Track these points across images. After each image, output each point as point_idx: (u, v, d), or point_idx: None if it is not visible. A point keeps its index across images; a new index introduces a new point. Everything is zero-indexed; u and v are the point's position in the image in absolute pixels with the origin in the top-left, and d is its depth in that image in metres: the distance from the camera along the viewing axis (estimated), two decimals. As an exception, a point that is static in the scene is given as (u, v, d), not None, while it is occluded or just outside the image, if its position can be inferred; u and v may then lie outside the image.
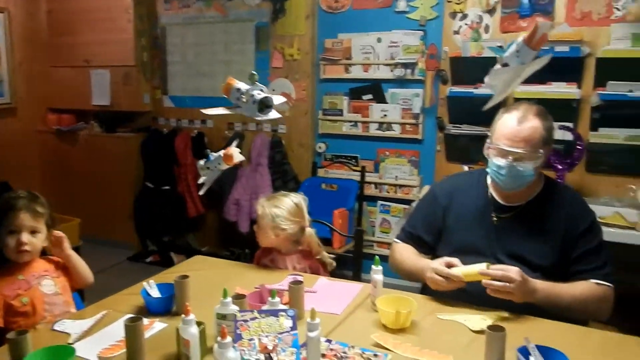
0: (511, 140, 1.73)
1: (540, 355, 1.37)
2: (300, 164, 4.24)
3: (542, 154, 1.74)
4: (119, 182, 4.76)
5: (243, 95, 1.42)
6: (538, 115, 1.76)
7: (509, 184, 1.79)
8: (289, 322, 1.36)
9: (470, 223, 1.89)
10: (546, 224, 1.81)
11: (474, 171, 2.07)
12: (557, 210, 1.82)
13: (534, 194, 1.85)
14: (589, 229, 1.79)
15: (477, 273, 1.65)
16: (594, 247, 1.77)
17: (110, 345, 1.48)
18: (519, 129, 1.73)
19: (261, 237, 2.12)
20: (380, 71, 3.84)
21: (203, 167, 1.61)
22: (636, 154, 3.04)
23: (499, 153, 1.77)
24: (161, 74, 4.77)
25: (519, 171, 1.74)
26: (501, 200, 1.88)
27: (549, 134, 1.77)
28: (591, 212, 1.84)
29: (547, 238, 1.79)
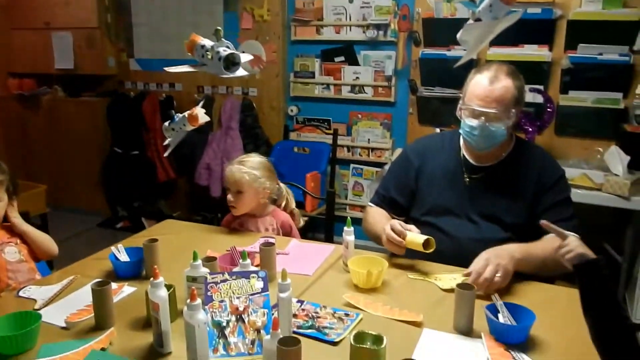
0: (483, 100, 1.73)
1: (508, 312, 1.40)
2: (271, 128, 4.19)
3: (513, 113, 1.75)
4: (86, 148, 4.65)
5: (208, 52, 1.37)
6: (509, 74, 1.76)
7: (481, 144, 1.80)
8: (260, 284, 1.35)
9: (442, 184, 1.90)
10: (517, 182, 1.83)
11: (446, 133, 2.07)
12: (528, 168, 1.84)
13: (505, 153, 1.87)
14: (558, 182, 1.82)
15: (419, 244, 1.67)
16: (562, 199, 1.80)
17: (77, 310, 1.46)
18: (491, 89, 1.73)
19: (242, 204, 2.07)
20: (352, 32, 3.78)
21: (168, 129, 1.56)
22: (603, 117, 3.09)
23: (472, 114, 1.76)
24: (126, 37, 4.61)
25: (492, 131, 1.74)
26: (473, 161, 1.89)
27: (520, 94, 1.77)
28: (560, 168, 1.87)
29: (519, 196, 1.81)
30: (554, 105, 3.11)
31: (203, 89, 4.37)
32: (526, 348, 1.31)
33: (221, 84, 4.29)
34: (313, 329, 1.38)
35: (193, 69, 1.45)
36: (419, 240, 1.67)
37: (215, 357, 1.25)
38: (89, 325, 1.40)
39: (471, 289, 1.39)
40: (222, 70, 1.39)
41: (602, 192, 2.75)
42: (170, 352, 1.28)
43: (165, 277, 1.33)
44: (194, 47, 1.44)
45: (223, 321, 1.29)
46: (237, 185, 2.05)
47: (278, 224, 2.15)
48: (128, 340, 1.34)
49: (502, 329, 1.34)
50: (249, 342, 1.29)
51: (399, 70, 3.69)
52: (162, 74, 4.48)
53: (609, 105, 3.06)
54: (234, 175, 2.05)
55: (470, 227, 1.83)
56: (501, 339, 1.33)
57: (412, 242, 1.69)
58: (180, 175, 4.51)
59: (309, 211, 3.61)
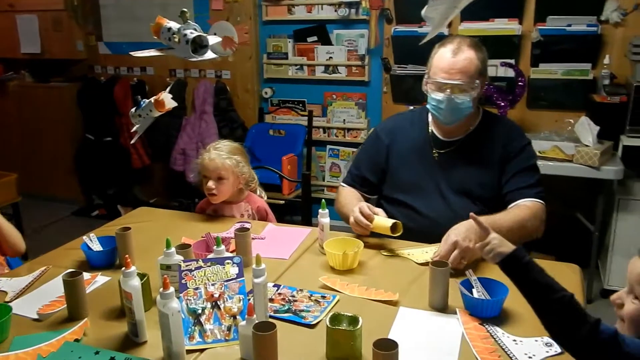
0: (448, 72, 1.75)
1: (482, 287, 1.42)
2: (246, 111, 4.14)
3: (478, 84, 1.76)
4: (57, 135, 4.55)
5: (175, 35, 1.34)
6: (472, 46, 1.77)
7: (448, 117, 1.81)
8: (235, 270, 1.34)
9: (412, 160, 1.91)
10: (485, 153, 1.85)
11: (414, 110, 2.08)
12: (494, 139, 1.86)
13: (473, 127, 1.89)
14: (523, 150, 1.84)
15: (386, 227, 1.68)
16: (528, 166, 1.83)
17: (50, 302, 1.44)
18: (455, 61, 1.74)
19: (223, 191, 2.04)
20: (324, 11, 3.74)
21: (134, 115, 1.53)
22: (573, 88, 3.13)
23: (437, 87, 1.78)
24: (94, 19, 4.49)
25: (458, 103, 1.76)
26: (441, 136, 1.90)
27: (484, 65, 1.79)
28: (526, 137, 1.90)
29: (487, 168, 1.84)
30: (525, 79, 3.14)
31: (175, 72, 4.29)
32: (500, 321, 1.33)
33: (194, 67, 4.22)
34: (290, 312, 1.38)
35: (160, 53, 1.42)
36: (387, 224, 1.69)
37: (192, 344, 1.25)
38: (62, 316, 1.38)
39: (445, 265, 1.41)
40: (190, 53, 1.36)
41: (573, 163, 2.79)
42: (145, 341, 1.27)
43: (139, 265, 1.32)
44: (160, 30, 1.41)
45: (198, 308, 1.29)
46: (219, 171, 2.01)
47: (253, 209, 2.14)
48: (102, 330, 1.33)
49: (476, 303, 1.36)
50: (225, 328, 1.28)
51: (372, 49, 3.67)
52: (132, 57, 4.36)
53: (578, 76, 3.09)
54: (215, 162, 2.01)
55: (440, 202, 1.84)
56: (475, 313, 1.36)
57: (379, 227, 1.71)
58: (155, 161, 4.45)
59: (286, 194, 3.60)
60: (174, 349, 1.16)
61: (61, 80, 4.59)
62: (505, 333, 1.28)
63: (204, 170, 2.04)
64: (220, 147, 2.07)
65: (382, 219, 1.73)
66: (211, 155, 2.03)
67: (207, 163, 2.02)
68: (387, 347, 1.06)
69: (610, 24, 3.02)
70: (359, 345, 1.18)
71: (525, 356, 1.20)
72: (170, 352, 1.17)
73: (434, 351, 1.23)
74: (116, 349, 1.24)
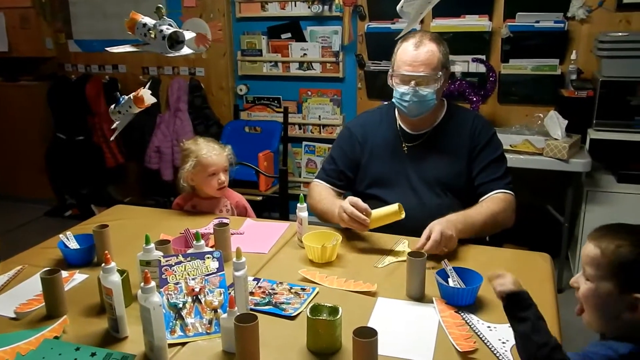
0: (411, 65, 1.79)
1: (458, 276, 1.46)
2: (221, 108, 4.13)
3: (440, 76, 1.80)
4: (27, 135, 4.46)
5: (151, 31, 1.34)
6: (433, 39, 1.82)
7: (413, 110, 1.84)
8: (215, 264, 1.35)
9: (383, 155, 1.95)
10: (452, 145, 1.90)
11: (382, 106, 2.11)
12: (461, 130, 1.91)
13: (438, 119, 1.94)
14: (490, 141, 1.90)
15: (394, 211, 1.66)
16: (496, 157, 1.89)
17: (27, 300, 1.42)
18: (417, 53, 1.79)
19: (208, 185, 2.05)
20: (298, 8, 3.74)
21: (114, 112, 1.52)
22: (542, 83, 3.21)
23: (402, 80, 1.82)
24: (64, 16, 4.40)
25: (422, 95, 1.80)
26: (409, 130, 1.95)
27: (446, 58, 1.84)
28: (492, 128, 1.96)
29: (455, 158, 1.89)
30: (496, 74, 3.20)
31: (148, 70, 4.25)
32: (475, 309, 1.37)
33: (167, 64, 4.19)
34: (270, 305, 1.40)
35: (136, 49, 1.42)
36: (392, 209, 1.66)
37: (173, 338, 1.25)
38: (40, 314, 1.37)
39: (422, 256, 1.44)
40: (167, 49, 1.36)
41: (543, 156, 2.86)
42: (126, 337, 1.27)
43: (118, 263, 1.31)
44: (134, 25, 1.40)
45: (179, 303, 1.29)
46: (226, 163, 2.08)
47: (232, 204, 2.15)
48: (82, 327, 1.32)
49: (451, 292, 1.40)
50: (206, 321, 1.29)
51: (345, 46, 3.70)
52: (104, 55, 4.34)
53: (547, 71, 3.18)
54: (221, 155, 2.06)
55: (411, 195, 1.88)
56: (451, 301, 1.39)
57: (382, 217, 1.68)
58: (129, 160, 4.40)
59: (263, 190, 3.61)
60: (155, 343, 1.17)
61: (30, 78, 4.49)
62: (480, 320, 1.32)
63: (210, 167, 2.03)
64: (211, 142, 2.10)
65: (381, 209, 1.70)
66: (215, 150, 2.06)
67: (216, 158, 2.04)
68: (366, 334, 1.09)
69: (576, 20, 3.11)
70: (339, 335, 1.21)
71: (499, 342, 1.24)
72: (152, 347, 1.17)
73: (411, 339, 1.26)
74: (97, 345, 1.24)
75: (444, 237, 1.60)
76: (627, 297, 0.99)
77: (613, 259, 1.00)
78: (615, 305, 1.01)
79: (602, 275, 1.02)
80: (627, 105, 2.87)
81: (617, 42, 2.83)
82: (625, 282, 1.00)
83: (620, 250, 1.00)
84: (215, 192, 2.08)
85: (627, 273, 0.99)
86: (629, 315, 1.00)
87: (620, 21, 3.07)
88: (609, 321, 1.03)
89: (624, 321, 1.01)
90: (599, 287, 1.02)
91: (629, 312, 1.00)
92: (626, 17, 3.06)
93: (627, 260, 0.99)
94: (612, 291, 1.01)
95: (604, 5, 3.07)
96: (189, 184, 2.09)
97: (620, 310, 1.01)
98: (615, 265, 1.00)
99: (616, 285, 1.01)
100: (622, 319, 1.01)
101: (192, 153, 2.05)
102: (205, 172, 2.03)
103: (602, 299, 1.02)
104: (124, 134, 1.60)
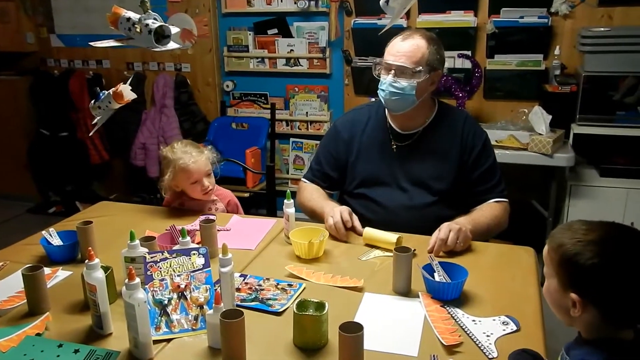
0: (394, 55, 1.79)
1: (443, 270, 1.46)
2: (207, 104, 4.10)
3: (421, 71, 1.77)
4: (9, 130, 4.39)
5: (136, 25, 1.32)
6: (425, 37, 1.81)
7: (391, 104, 1.84)
8: (201, 260, 1.35)
9: (372, 154, 1.94)
10: (442, 145, 1.90)
11: (372, 104, 2.09)
12: (451, 131, 1.91)
13: (429, 120, 1.92)
14: (484, 148, 1.90)
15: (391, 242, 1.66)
16: (490, 165, 1.90)
17: (9, 297, 1.41)
18: (402, 44, 1.79)
19: (213, 183, 2.03)
20: (284, 3, 3.72)
21: (94, 107, 1.50)
22: (527, 79, 3.23)
23: (385, 69, 1.83)
24: (45, 10, 4.34)
25: (400, 88, 1.78)
26: (399, 129, 1.94)
27: (433, 58, 1.80)
28: (483, 132, 1.96)
29: (444, 160, 1.88)
30: (482, 70, 3.22)
31: (133, 65, 4.20)
32: (460, 303, 1.38)
33: (152, 60, 4.14)
34: (257, 301, 1.39)
35: (121, 44, 1.40)
36: (391, 239, 1.67)
37: (158, 334, 1.24)
38: (22, 311, 1.36)
39: (408, 251, 1.44)
40: (153, 43, 1.34)
41: (528, 151, 2.88)
42: (110, 333, 1.26)
43: (102, 259, 1.30)
44: (117, 20, 1.39)
45: (164, 299, 1.28)
46: (207, 168, 2.01)
47: (224, 203, 2.13)
48: (65, 324, 1.31)
49: (437, 287, 1.41)
50: (192, 318, 1.29)
51: (332, 42, 3.69)
52: (87, 50, 4.28)
53: (532, 67, 3.20)
54: (199, 162, 1.98)
55: (400, 195, 1.88)
56: (437, 296, 1.40)
57: (380, 240, 1.70)
58: (114, 157, 4.36)
59: (250, 187, 3.60)
60: (140, 340, 1.16)
61: (11, 73, 4.42)
62: (465, 314, 1.33)
63: (191, 175, 1.97)
64: (188, 147, 2.02)
65: (382, 232, 1.71)
66: (193, 155, 1.98)
67: (194, 167, 1.96)
68: (352, 329, 1.09)
69: (559, 15, 3.13)
70: (326, 330, 1.21)
71: (484, 335, 1.25)
72: (137, 343, 1.16)
73: (398, 333, 1.27)
74: (80, 341, 1.23)
75: (452, 231, 1.62)
76: (568, 294, 0.97)
77: (557, 255, 0.99)
78: (562, 301, 0.99)
79: (550, 272, 1.02)
80: (610, 100, 2.90)
81: (599, 37, 2.85)
82: (566, 279, 0.98)
83: (563, 248, 0.97)
84: (202, 197, 2.04)
85: (566, 270, 0.97)
86: (575, 313, 0.97)
87: (602, 16, 3.10)
88: (567, 318, 1.01)
89: (577, 320, 0.98)
90: (550, 284, 1.02)
91: (574, 310, 0.97)
92: (608, 12, 3.09)
93: (567, 256, 0.96)
94: (557, 288, 1.00)
95: (586, 0, 3.10)
96: (175, 191, 2.05)
97: (568, 307, 0.98)
98: (557, 261, 0.99)
99: (560, 282, 0.99)
100: (574, 318, 0.98)
101: (170, 163, 1.98)
102: (187, 180, 1.98)
103: (552, 296, 1.02)
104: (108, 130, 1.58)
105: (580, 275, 0.95)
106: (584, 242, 0.95)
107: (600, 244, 0.95)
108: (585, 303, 0.95)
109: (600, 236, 0.96)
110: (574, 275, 0.96)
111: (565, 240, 0.98)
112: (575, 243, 0.96)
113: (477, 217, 1.80)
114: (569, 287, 0.97)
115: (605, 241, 0.95)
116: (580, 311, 0.96)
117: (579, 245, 0.95)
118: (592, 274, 0.94)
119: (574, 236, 0.97)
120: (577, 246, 0.96)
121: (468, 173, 1.88)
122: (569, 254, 0.96)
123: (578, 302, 0.95)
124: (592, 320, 0.96)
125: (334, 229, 1.75)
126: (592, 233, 0.97)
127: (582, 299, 0.95)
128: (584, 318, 0.97)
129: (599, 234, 0.96)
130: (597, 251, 0.94)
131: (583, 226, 0.99)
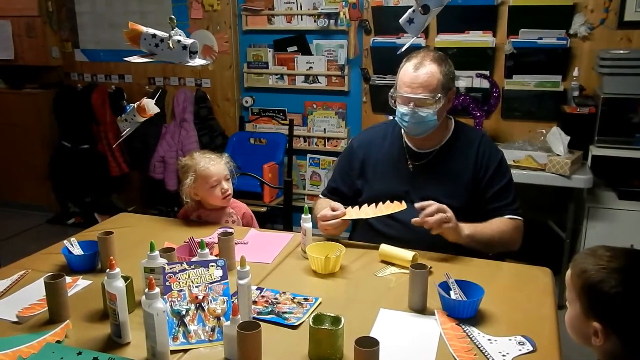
0: (410, 87, 1.80)
1: (459, 288, 1.46)
2: (226, 119, 4.16)
3: (440, 98, 1.79)
4: (31, 142, 4.48)
5: (169, 42, 1.36)
6: (435, 60, 1.81)
7: (413, 130, 1.86)
8: (219, 272, 1.36)
9: (387, 172, 1.96)
10: (457, 164, 1.90)
11: (389, 122, 2.11)
12: (467, 150, 1.91)
13: (445, 138, 1.93)
14: (499, 168, 1.90)
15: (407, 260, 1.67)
16: (505, 184, 1.90)
17: (30, 305, 1.43)
18: (416, 75, 1.79)
19: (231, 188, 2.08)
20: (304, 22, 3.78)
21: (121, 120, 1.55)
22: (545, 99, 3.22)
23: (402, 100, 1.83)
24: (70, 26, 4.46)
25: (421, 116, 1.80)
26: (415, 148, 1.95)
27: (447, 78, 1.82)
28: (499, 151, 1.96)
29: (458, 178, 1.89)
30: (500, 90, 3.23)
31: (154, 80, 4.28)
32: (476, 322, 1.37)
33: (173, 75, 4.22)
34: (273, 314, 1.40)
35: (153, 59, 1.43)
36: (407, 256, 1.68)
37: (175, 345, 1.26)
38: (43, 319, 1.38)
39: (424, 268, 1.45)
40: (187, 58, 1.38)
41: (545, 172, 2.87)
42: (129, 342, 1.28)
43: (122, 269, 1.32)
44: (137, 37, 1.42)
45: (182, 310, 1.30)
46: (225, 172, 2.07)
47: (239, 215, 2.15)
48: (84, 332, 1.33)
49: (453, 304, 1.40)
50: (209, 329, 1.30)
51: (351, 59, 3.73)
52: (110, 65, 4.38)
53: (550, 88, 3.19)
54: (218, 165, 2.06)
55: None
56: (453, 314, 1.40)
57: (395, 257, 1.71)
58: (133, 169, 4.42)
59: (267, 202, 3.62)
60: (158, 349, 1.17)
61: (35, 86, 4.54)
62: (480, 333, 1.33)
63: (210, 178, 2.02)
64: (207, 154, 2.10)
65: (398, 249, 1.72)
66: (212, 161, 2.05)
67: (214, 169, 2.03)
68: (368, 344, 1.09)
69: (578, 37, 3.14)
70: (341, 345, 1.21)
71: (499, 354, 1.24)
72: (155, 352, 1.18)
73: (413, 350, 1.27)
74: (99, 350, 1.25)
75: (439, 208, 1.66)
76: (591, 322, 0.96)
77: (580, 281, 0.98)
78: (583, 329, 0.98)
79: (572, 297, 1.00)
80: (629, 122, 2.88)
81: (618, 59, 2.85)
82: (589, 307, 0.96)
83: (586, 274, 0.96)
84: (222, 202, 2.08)
85: (589, 297, 0.96)
86: (597, 342, 0.95)
87: (621, 39, 3.10)
88: (587, 346, 0.99)
89: (597, 349, 0.97)
90: (572, 310, 1.01)
91: (595, 339, 0.95)
92: (627, 34, 3.08)
93: (590, 283, 0.95)
94: (579, 314, 0.98)
95: (605, 23, 3.10)
96: (193, 199, 2.08)
97: (589, 335, 0.97)
98: (580, 287, 0.98)
99: (582, 309, 0.98)
100: (595, 347, 0.97)
101: (190, 168, 2.04)
102: (206, 184, 2.03)
103: (573, 322, 1.01)
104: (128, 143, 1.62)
105: (603, 303, 0.94)
106: (608, 270, 0.94)
107: (624, 272, 0.93)
108: (608, 332, 0.94)
109: (624, 264, 0.95)
110: (597, 303, 0.95)
111: (589, 267, 0.96)
112: (599, 270, 0.95)
113: (482, 226, 1.79)
114: (592, 314, 0.96)
115: (630, 270, 0.94)
116: (603, 340, 0.94)
117: (602, 273, 0.94)
118: (616, 303, 0.92)
119: (598, 262, 0.96)
120: (601, 273, 0.94)
121: (482, 192, 1.88)
122: (592, 280, 0.95)
123: (600, 331, 0.94)
124: (614, 349, 0.95)
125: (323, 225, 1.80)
126: (616, 260, 0.95)
127: (605, 328, 0.94)
128: (605, 347, 0.95)
129: (624, 262, 0.95)
130: (622, 280, 0.92)
131: (607, 252, 0.98)
